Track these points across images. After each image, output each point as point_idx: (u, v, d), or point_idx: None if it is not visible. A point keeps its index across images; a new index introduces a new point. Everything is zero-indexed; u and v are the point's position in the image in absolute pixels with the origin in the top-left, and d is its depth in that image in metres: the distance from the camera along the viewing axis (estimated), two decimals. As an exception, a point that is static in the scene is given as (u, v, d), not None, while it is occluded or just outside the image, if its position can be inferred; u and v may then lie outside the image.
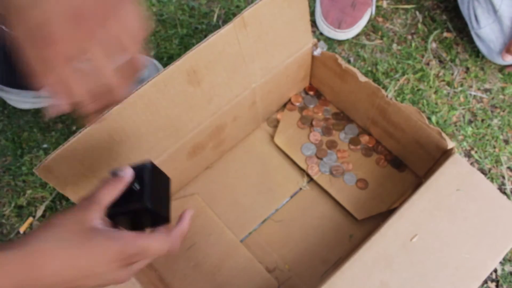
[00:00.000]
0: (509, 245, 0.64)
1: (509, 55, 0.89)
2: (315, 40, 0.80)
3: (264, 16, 0.67)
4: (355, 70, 0.76)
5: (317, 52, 0.80)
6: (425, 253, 0.62)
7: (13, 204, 0.87)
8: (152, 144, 0.69)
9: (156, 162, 0.75)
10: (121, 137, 0.65)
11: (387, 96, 0.75)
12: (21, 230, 0.85)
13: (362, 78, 0.76)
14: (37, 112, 0.98)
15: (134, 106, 0.62)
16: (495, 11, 0.87)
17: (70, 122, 0.97)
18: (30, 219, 0.86)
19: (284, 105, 0.90)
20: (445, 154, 0.72)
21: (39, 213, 0.86)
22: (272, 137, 0.86)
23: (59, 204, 0.87)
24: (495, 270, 0.80)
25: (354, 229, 0.79)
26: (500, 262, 0.81)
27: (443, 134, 0.70)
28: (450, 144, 0.70)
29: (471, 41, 0.99)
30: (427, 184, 0.66)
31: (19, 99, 0.96)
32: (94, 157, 0.64)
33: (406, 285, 0.60)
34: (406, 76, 0.96)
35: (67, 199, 0.87)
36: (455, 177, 0.67)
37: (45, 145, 0.94)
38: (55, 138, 0.95)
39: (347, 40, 1.01)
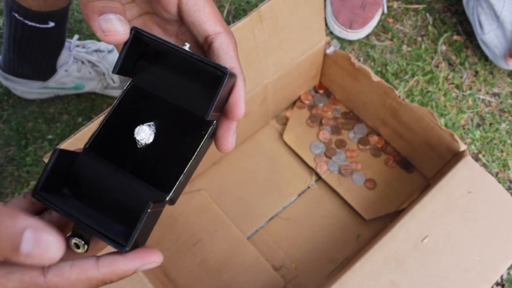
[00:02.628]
0: (519, 248, 0.64)
1: None
2: (328, 38, 0.80)
3: (280, 11, 0.67)
4: (368, 69, 0.76)
5: (330, 51, 0.80)
6: (436, 254, 0.62)
7: (16, 195, 0.86)
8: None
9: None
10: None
11: (399, 96, 0.74)
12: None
13: (375, 78, 0.75)
14: (42, 103, 0.97)
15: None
16: (497, 16, 0.87)
17: (75, 114, 0.96)
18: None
19: (294, 103, 0.89)
20: (456, 156, 0.71)
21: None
22: (281, 134, 0.86)
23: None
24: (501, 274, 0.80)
25: (362, 229, 0.78)
26: (507, 267, 0.81)
27: (456, 136, 0.70)
28: (463, 146, 0.70)
29: (480, 45, 0.99)
30: (439, 186, 0.66)
31: (25, 89, 0.95)
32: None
33: (417, 286, 0.60)
34: (415, 77, 0.96)
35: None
36: (467, 180, 0.67)
37: (50, 136, 0.93)
38: (60, 129, 0.94)
39: (357, 40, 1.01)
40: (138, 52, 0.35)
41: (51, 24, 0.85)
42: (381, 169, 0.82)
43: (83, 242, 0.32)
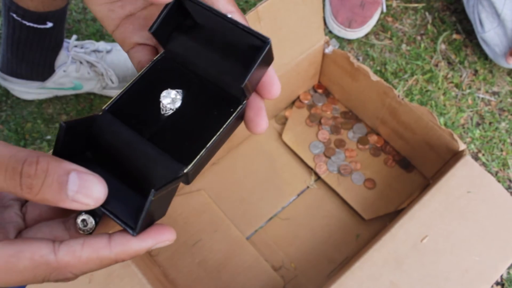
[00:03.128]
0: (519, 248, 0.63)
1: None
2: (327, 37, 0.80)
3: (278, 11, 0.66)
4: (367, 69, 0.75)
5: (328, 50, 0.80)
6: (436, 254, 0.62)
7: (15, 196, 0.86)
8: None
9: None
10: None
11: (398, 96, 0.74)
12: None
13: (374, 77, 0.75)
14: (41, 103, 0.97)
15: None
16: (498, 14, 0.87)
17: (74, 114, 0.96)
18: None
19: (293, 103, 0.89)
20: (456, 156, 0.71)
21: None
22: (280, 134, 0.86)
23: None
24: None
25: (361, 229, 0.78)
26: (506, 266, 0.81)
27: (455, 136, 0.70)
28: (462, 146, 0.69)
29: (479, 43, 0.98)
30: (438, 186, 0.66)
31: (24, 90, 0.94)
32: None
33: (416, 286, 0.60)
34: (415, 76, 0.96)
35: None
36: (466, 179, 0.67)
37: (48, 137, 0.93)
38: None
39: (357, 39, 1.01)
40: (176, 22, 0.34)
41: (49, 24, 0.84)
42: (380, 169, 0.82)
43: (92, 220, 0.30)
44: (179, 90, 0.34)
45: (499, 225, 0.64)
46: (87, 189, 0.27)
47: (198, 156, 0.31)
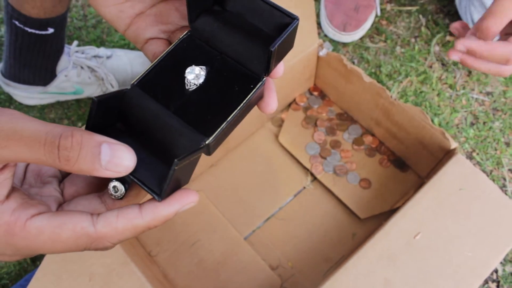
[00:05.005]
0: (510, 244, 0.65)
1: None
2: (321, 40, 0.81)
3: (272, 15, 0.68)
4: (360, 70, 0.77)
5: (322, 53, 0.81)
6: (428, 251, 0.63)
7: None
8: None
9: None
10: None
11: (391, 96, 0.75)
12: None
13: (367, 79, 0.77)
14: (43, 108, 0.99)
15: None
16: None
17: (75, 119, 0.98)
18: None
19: (289, 105, 0.91)
20: (448, 154, 0.73)
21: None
22: (276, 136, 0.87)
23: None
24: (496, 271, 0.81)
25: (357, 228, 0.79)
26: (501, 263, 0.82)
27: (446, 134, 0.71)
28: (453, 144, 0.71)
29: (473, 44, 1.00)
30: (430, 183, 0.67)
31: (26, 95, 0.96)
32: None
33: (409, 283, 0.61)
34: (409, 78, 0.98)
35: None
36: (458, 177, 0.68)
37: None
38: (60, 135, 0.95)
39: (352, 42, 1.02)
40: (204, 6, 0.37)
41: (50, 30, 0.86)
42: (375, 169, 0.84)
43: (122, 187, 0.33)
44: (203, 67, 0.35)
45: (491, 221, 0.65)
46: (118, 159, 0.29)
47: (219, 129, 0.33)
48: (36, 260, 0.83)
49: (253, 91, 0.35)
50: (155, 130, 0.33)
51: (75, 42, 0.96)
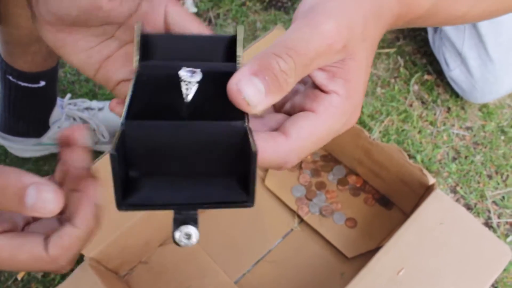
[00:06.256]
0: (493, 276, 0.66)
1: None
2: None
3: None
4: (338, 113, 0.80)
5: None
6: (412, 286, 0.64)
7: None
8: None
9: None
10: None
11: (369, 136, 0.78)
12: (19, 277, 0.87)
13: (346, 121, 0.80)
14: (37, 161, 1.01)
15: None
16: (459, 53, 0.93)
17: (68, 172, 1.00)
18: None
19: (274, 149, 0.93)
20: (428, 190, 0.75)
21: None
22: (263, 179, 0.90)
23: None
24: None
25: (345, 267, 0.81)
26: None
27: (424, 171, 0.73)
28: (431, 180, 0.73)
29: (449, 82, 1.04)
30: (411, 219, 0.69)
31: (21, 148, 1.00)
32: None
33: (395, 319, 0.62)
34: (390, 117, 1.01)
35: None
36: (438, 212, 0.70)
37: (44, 195, 0.97)
38: (54, 188, 0.98)
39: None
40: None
41: (42, 83, 0.91)
42: (361, 208, 0.86)
43: (194, 230, 0.28)
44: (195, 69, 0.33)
45: (472, 254, 0.67)
46: (42, 202, 0.30)
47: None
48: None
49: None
50: (182, 145, 0.28)
51: (68, 95, 1.00)
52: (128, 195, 0.28)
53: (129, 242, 0.77)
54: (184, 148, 0.28)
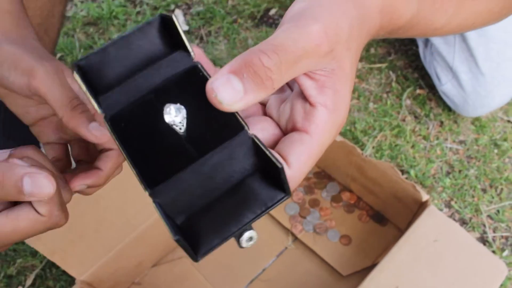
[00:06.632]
0: (488, 292, 0.65)
1: None
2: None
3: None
4: (330, 130, 0.80)
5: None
6: (407, 305, 0.63)
7: (2, 274, 0.88)
8: (138, 209, 0.72)
9: (142, 227, 0.77)
10: (107, 203, 0.67)
11: (362, 154, 0.78)
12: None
13: (338, 138, 0.79)
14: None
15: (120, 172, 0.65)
16: (450, 67, 0.93)
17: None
18: (20, 289, 0.87)
19: (267, 166, 0.93)
20: (421, 206, 0.74)
21: (29, 282, 0.87)
22: (256, 197, 0.89)
23: (49, 272, 0.87)
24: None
25: (340, 285, 0.80)
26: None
27: (417, 187, 0.73)
28: (425, 196, 0.73)
29: (441, 96, 1.04)
30: (405, 237, 0.69)
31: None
32: (81, 223, 0.66)
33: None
34: (383, 132, 1.01)
35: (58, 267, 0.88)
36: (432, 228, 0.69)
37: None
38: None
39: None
40: None
41: None
42: (355, 225, 0.85)
43: (253, 231, 0.32)
44: (172, 105, 0.32)
45: (467, 270, 0.66)
46: (39, 188, 0.33)
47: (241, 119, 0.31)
48: None
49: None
50: (202, 186, 0.30)
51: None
52: (194, 246, 0.30)
53: (121, 263, 0.76)
54: (210, 181, 0.30)
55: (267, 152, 0.29)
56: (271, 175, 0.30)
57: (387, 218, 0.85)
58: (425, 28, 0.39)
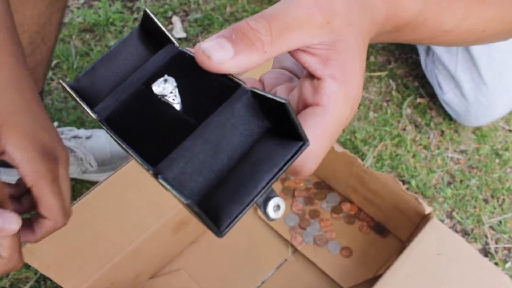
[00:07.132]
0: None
1: None
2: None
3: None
4: (331, 140, 0.79)
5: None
6: (411, 321, 0.62)
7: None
8: (135, 222, 0.70)
9: (139, 240, 0.75)
10: (103, 216, 0.66)
11: (363, 165, 0.77)
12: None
13: (339, 149, 0.78)
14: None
15: (115, 184, 0.63)
16: (452, 76, 0.92)
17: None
18: (14, 303, 0.85)
19: (266, 176, 0.91)
20: (424, 218, 0.73)
21: (23, 296, 0.85)
22: (255, 209, 0.87)
23: (44, 284, 0.86)
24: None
25: (341, 298, 0.78)
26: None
27: (420, 200, 0.72)
28: (428, 209, 0.72)
29: (442, 105, 1.03)
30: (408, 250, 0.67)
31: (7, 178, 0.97)
32: (77, 237, 0.64)
33: None
34: (383, 142, 0.99)
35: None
36: (435, 242, 0.68)
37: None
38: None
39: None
40: None
41: None
42: (356, 236, 0.84)
43: (279, 198, 0.29)
44: (162, 79, 0.31)
45: (471, 284, 0.65)
46: (8, 224, 0.37)
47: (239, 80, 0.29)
48: None
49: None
50: (213, 155, 0.28)
51: (55, 123, 0.98)
52: (215, 220, 0.27)
53: (118, 276, 0.74)
54: (217, 148, 0.28)
55: (269, 95, 0.27)
56: (283, 129, 0.28)
57: (388, 230, 0.84)
58: (434, 29, 0.38)
